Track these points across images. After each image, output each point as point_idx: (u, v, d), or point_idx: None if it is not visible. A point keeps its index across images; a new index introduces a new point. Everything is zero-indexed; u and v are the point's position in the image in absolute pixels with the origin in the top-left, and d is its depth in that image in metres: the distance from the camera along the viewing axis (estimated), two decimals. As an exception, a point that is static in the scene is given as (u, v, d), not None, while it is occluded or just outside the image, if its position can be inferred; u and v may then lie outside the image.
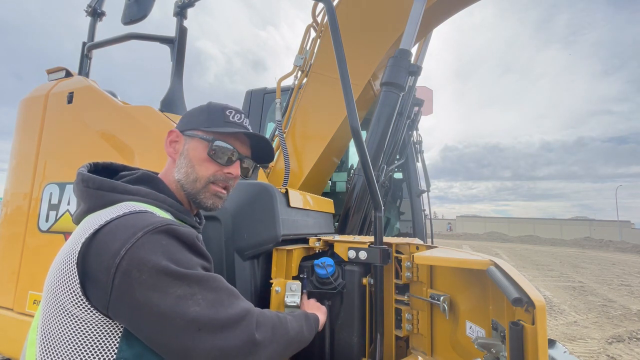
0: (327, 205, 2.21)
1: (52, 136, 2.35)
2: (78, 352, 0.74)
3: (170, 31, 2.21)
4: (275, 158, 2.76)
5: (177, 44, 2.13)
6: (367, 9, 2.61)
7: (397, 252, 1.52)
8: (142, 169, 1.03)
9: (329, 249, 1.69)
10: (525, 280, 0.93)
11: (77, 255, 0.76)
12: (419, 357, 1.40)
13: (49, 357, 0.75)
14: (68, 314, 0.76)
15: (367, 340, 1.49)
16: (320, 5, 2.79)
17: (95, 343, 0.75)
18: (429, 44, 3.40)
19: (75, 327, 0.75)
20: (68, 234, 2.08)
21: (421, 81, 3.74)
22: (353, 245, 1.53)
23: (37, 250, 2.22)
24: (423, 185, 3.64)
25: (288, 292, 1.42)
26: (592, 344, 5.67)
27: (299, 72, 2.89)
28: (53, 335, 0.76)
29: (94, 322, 0.75)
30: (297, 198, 1.73)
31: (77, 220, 0.90)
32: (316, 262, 1.48)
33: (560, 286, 10.59)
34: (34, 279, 2.19)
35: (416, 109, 3.21)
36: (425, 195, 3.63)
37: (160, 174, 1.05)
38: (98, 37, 2.67)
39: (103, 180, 0.88)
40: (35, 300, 2.14)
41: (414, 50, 2.53)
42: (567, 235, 40.71)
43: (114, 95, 2.32)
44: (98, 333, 0.75)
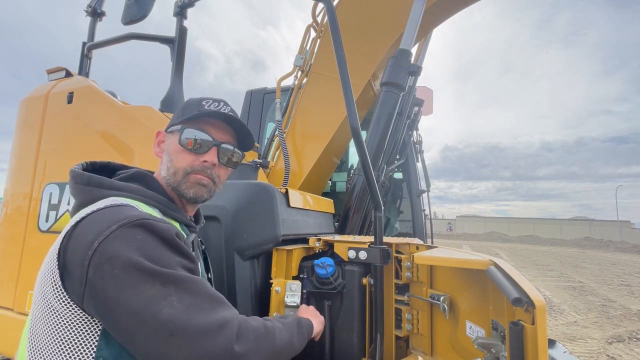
0: (327, 205, 2.21)
1: (52, 136, 2.35)
2: (59, 349, 0.73)
3: (170, 31, 2.21)
4: (275, 158, 2.76)
5: (177, 44, 2.13)
6: (367, 9, 2.61)
7: (397, 252, 1.52)
8: (137, 168, 1.03)
9: (329, 249, 1.69)
10: (525, 280, 0.93)
11: (58, 248, 0.76)
12: (419, 357, 1.40)
13: (35, 353, 0.76)
14: (51, 308, 0.75)
15: (367, 340, 1.49)
16: (320, 5, 2.79)
17: (75, 340, 0.74)
18: (429, 44, 3.40)
19: (56, 322, 0.75)
20: (68, 234, 2.08)
21: (421, 81, 3.74)
22: (353, 245, 1.53)
23: (37, 250, 2.22)
24: (423, 185, 3.64)
25: (288, 292, 1.42)
26: (592, 344, 5.67)
27: (299, 72, 2.89)
28: (39, 330, 0.77)
29: (74, 318, 0.74)
30: (297, 198, 1.73)
31: (71, 216, 0.91)
32: (316, 262, 1.48)
33: (560, 286, 10.59)
34: (34, 279, 2.19)
35: (416, 109, 3.21)
36: (425, 195, 3.62)
37: (155, 174, 1.05)
38: (98, 37, 2.67)
39: (91, 176, 0.89)
40: (35, 300, 2.14)
41: (414, 50, 2.53)
42: (567, 235, 40.71)
43: (114, 95, 2.32)
44: (77, 329, 0.74)
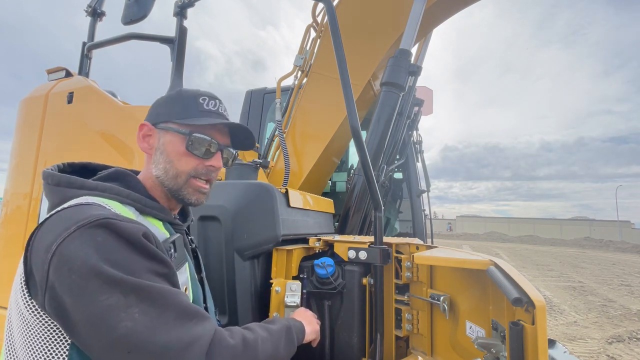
0: (327, 205, 2.21)
1: (52, 136, 2.35)
2: (30, 358, 0.69)
3: (170, 31, 2.21)
4: (275, 158, 2.76)
5: (177, 44, 2.12)
6: (367, 9, 2.61)
7: (397, 252, 1.52)
8: (117, 167, 0.97)
9: (329, 249, 1.69)
10: (525, 280, 0.93)
11: (25, 251, 0.72)
12: (419, 357, 1.40)
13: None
14: (22, 315, 0.72)
15: (367, 340, 1.49)
16: (320, 5, 2.79)
17: (45, 350, 0.69)
18: (429, 44, 3.40)
19: (26, 330, 0.71)
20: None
21: (421, 81, 3.74)
22: (353, 245, 1.53)
23: (37, 250, 2.22)
24: (423, 185, 3.63)
25: (288, 292, 1.42)
26: (592, 344, 5.67)
27: (299, 72, 2.89)
28: (12, 337, 0.74)
29: (42, 326, 0.70)
30: (297, 198, 1.73)
31: None
32: (316, 262, 1.48)
33: (560, 286, 10.59)
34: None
35: (416, 109, 3.21)
36: (425, 195, 3.62)
37: (140, 173, 0.99)
38: (98, 37, 2.67)
39: (61, 176, 0.84)
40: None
41: (414, 50, 2.53)
42: (567, 235, 40.71)
43: (114, 95, 2.32)
44: (46, 338, 0.70)
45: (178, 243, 0.91)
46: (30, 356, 0.69)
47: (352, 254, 1.51)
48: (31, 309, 0.70)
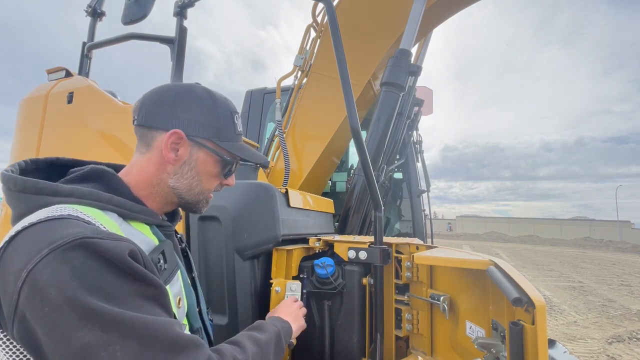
0: (327, 205, 2.21)
1: (52, 136, 2.35)
2: None
3: (170, 31, 2.21)
4: (276, 158, 2.76)
5: (177, 44, 2.12)
6: (367, 9, 2.61)
7: (397, 252, 1.52)
8: (92, 164, 0.86)
9: (329, 249, 1.69)
10: (525, 280, 0.93)
11: None
12: (419, 357, 1.40)
13: None
14: None
15: (367, 340, 1.49)
16: (320, 5, 2.79)
17: None
18: (429, 44, 3.40)
19: None
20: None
21: (421, 81, 3.74)
22: (353, 245, 1.53)
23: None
24: (423, 185, 3.64)
25: (288, 292, 1.42)
26: (592, 344, 5.67)
27: (299, 72, 2.89)
28: None
29: (13, 358, 0.61)
30: (297, 198, 1.73)
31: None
32: (316, 262, 1.48)
33: (560, 286, 10.59)
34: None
35: (416, 109, 3.21)
36: (425, 195, 3.63)
37: (125, 170, 0.89)
38: (98, 37, 2.67)
39: (26, 180, 0.71)
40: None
41: (414, 50, 2.53)
42: (567, 235, 40.71)
43: (114, 95, 2.32)
44: None
45: (168, 251, 0.84)
46: None
47: (352, 254, 1.51)
48: (1, 340, 0.61)
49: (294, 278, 1.52)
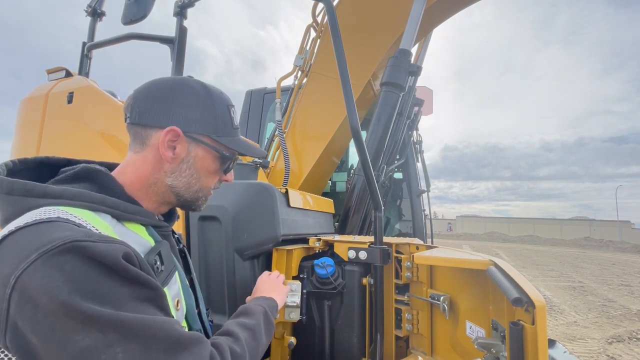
0: (327, 205, 2.21)
1: (52, 136, 2.35)
2: None
3: (170, 31, 2.21)
4: (276, 158, 2.76)
5: (177, 44, 2.12)
6: (367, 9, 2.61)
7: (397, 252, 1.52)
8: (84, 163, 0.82)
9: (329, 249, 1.69)
10: (525, 280, 0.93)
11: None
12: (419, 357, 1.40)
13: None
14: None
15: (367, 340, 1.49)
16: (320, 5, 2.79)
17: None
18: (429, 44, 3.40)
19: None
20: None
21: (421, 81, 3.74)
22: (353, 245, 1.53)
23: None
24: (423, 185, 3.64)
25: (288, 292, 1.42)
26: (592, 344, 5.67)
27: (299, 72, 2.89)
28: None
29: None
30: (297, 198, 1.73)
31: None
32: (316, 262, 1.48)
33: (560, 286, 10.59)
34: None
35: (416, 109, 3.21)
36: (425, 195, 3.63)
37: (119, 169, 0.85)
38: (98, 37, 2.67)
39: (13, 182, 0.68)
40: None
41: (414, 50, 2.54)
42: (567, 235, 40.71)
43: (114, 95, 2.32)
44: None
45: (165, 252, 0.81)
46: None
47: (352, 254, 1.51)
48: None
49: (294, 278, 1.51)
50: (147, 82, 0.87)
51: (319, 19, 2.88)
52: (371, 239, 1.54)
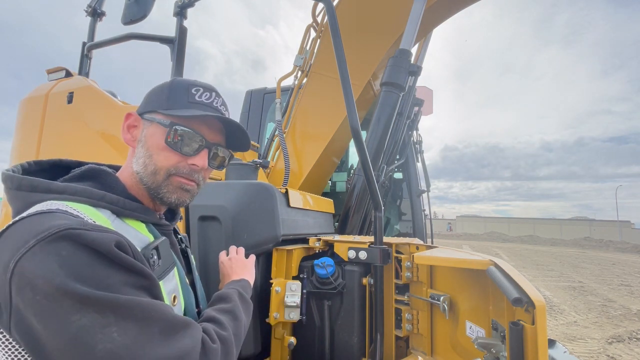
0: (327, 205, 2.21)
1: (52, 136, 2.35)
2: None
3: (170, 31, 2.21)
4: (276, 158, 2.76)
5: (177, 44, 2.12)
6: (367, 9, 2.61)
7: (397, 252, 1.52)
8: (92, 163, 0.87)
9: (329, 249, 1.69)
10: (525, 280, 0.93)
11: None
12: (419, 357, 1.40)
13: None
14: None
15: (367, 340, 1.49)
16: (320, 5, 2.80)
17: None
18: (429, 44, 3.40)
19: None
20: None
21: (421, 81, 3.73)
22: (353, 245, 1.53)
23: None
24: (423, 185, 3.64)
25: (288, 292, 1.42)
26: (592, 344, 5.67)
27: (299, 72, 2.89)
28: None
29: (9, 354, 0.61)
30: (297, 198, 1.73)
31: None
32: (316, 262, 1.48)
33: (560, 286, 10.59)
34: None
35: (416, 109, 3.21)
36: (425, 195, 3.63)
37: (121, 170, 0.90)
38: (98, 37, 2.67)
39: (22, 178, 0.73)
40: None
41: (414, 50, 2.54)
42: (567, 235, 40.71)
43: (114, 95, 2.32)
44: None
45: (163, 247, 0.82)
46: None
47: (352, 254, 1.51)
48: None
49: (294, 278, 1.52)
50: None
51: (319, 19, 2.88)
52: (371, 239, 1.54)
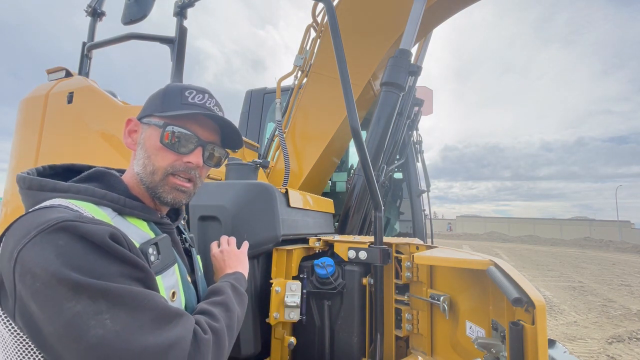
0: (327, 205, 2.21)
1: (52, 136, 2.35)
2: None
3: (170, 31, 2.21)
4: (276, 158, 2.76)
5: (177, 44, 2.13)
6: (367, 9, 2.61)
7: (397, 252, 1.52)
8: (97, 166, 0.92)
9: (329, 249, 1.69)
10: (525, 280, 0.93)
11: None
12: (419, 357, 1.40)
13: None
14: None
15: (367, 340, 1.49)
16: (320, 5, 2.80)
17: None
18: (429, 44, 3.40)
19: (3, 345, 0.66)
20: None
21: (421, 81, 3.74)
22: (353, 245, 1.53)
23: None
24: (423, 185, 3.64)
25: (288, 292, 1.42)
26: (592, 344, 5.67)
27: (299, 72, 2.89)
28: None
29: (15, 341, 0.64)
30: (297, 198, 1.73)
31: None
32: (316, 262, 1.48)
33: (560, 286, 10.59)
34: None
35: (416, 109, 3.21)
36: (425, 195, 3.63)
37: (125, 172, 0.94)
38: (98, 37, 2.67)
39: (32, 179, 0.79)
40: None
41: (414, 50, 2.54)
42: (567, 235, 40.71)
43: (114, 95, 2.32)
44: (20, 355, 0.64)
45: (163, 244, 0.85)
46: None
47: (352, 254, 1.51)
48: (3, 321, 0.65)
49: (294, 278, 1.51)
50: None
51: (319, 19, 2.88)
52: (371, 239, 1.54)
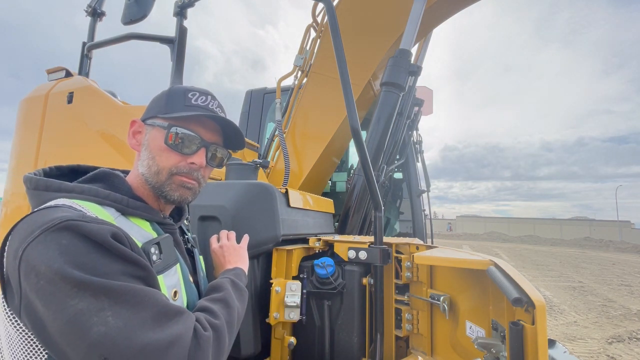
0: (327, 205, 2.21)
1: (52, 136, 2.35)
2: None
3: (170, 31, 2.21)
4: (276, 158, 2.76)
5: (177, 44, 2.13)
6: (367, 9, 2.61)
7: (397, 252, 1.52)
8: (102, 167, 0.93)
9: (329, 249, 1.69)
10: (525, 280, 0.93)
11: (0, 256, 0.69)
12: (419, 357, 1.40)
13: None
14: (5, 330, 0.68)
15: (367, 340, 1.49)
16: (320, 5, 2.80)
17: None
18: (429, 44, 3.40)
19: (9, 342, 0.67)
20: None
21: (421, 81, 3.74)
22: (353, 245, 1.53)
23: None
24: (423, 185, 3.64)
25: (288, 292, 1.42)
26: (592, 344, 5.67)
27: (299, 72, 2.89)
28: (1, 348, 0.70)
29: (21, 337, 0.66)
30: (297, 198, 1.73)
31: None
32: (316, 262, 1.48)
33: (560, 286, 10.59)
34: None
35: (416, 109, 3.21)
36: (425, 195, 3.63)
37: (130, 173, 0.96)
38: (98, 37, 2.67)
39: (39, 179, 0.81)
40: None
41: (414, 50, 2.54)
42: (567, 235, 40.70)
43: (114, 95, 2.32)
44: (26, 352, 0.66)
45: (165, 244, 0.86)
46: None
47: (352, 254, 1.51)
48: (10, 318, 0.67)
49: (294, 278, 1.51)
50: None
51: (319, 19, 2.88)
52: (371, 239, 1.54)
